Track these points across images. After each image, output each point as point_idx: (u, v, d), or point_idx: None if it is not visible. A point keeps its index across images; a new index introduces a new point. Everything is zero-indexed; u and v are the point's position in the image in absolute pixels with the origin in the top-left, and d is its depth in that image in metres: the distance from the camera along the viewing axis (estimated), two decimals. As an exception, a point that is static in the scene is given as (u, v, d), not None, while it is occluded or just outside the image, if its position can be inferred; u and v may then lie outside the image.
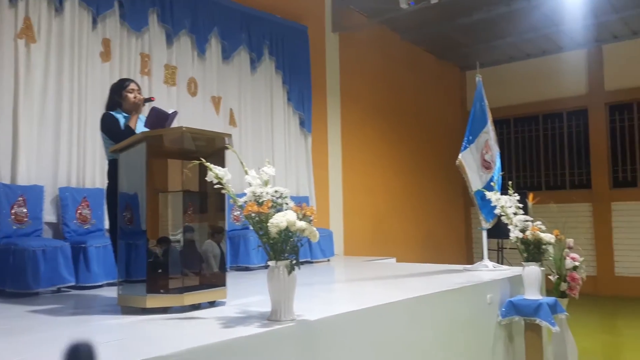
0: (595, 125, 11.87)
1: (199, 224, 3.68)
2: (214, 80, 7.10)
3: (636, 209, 11.28)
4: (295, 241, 2.93)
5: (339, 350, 3.13)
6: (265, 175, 3.07)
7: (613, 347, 7.51)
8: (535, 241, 4.80)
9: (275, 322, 2.89)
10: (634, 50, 11.31)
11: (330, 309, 3.31)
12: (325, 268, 6.95)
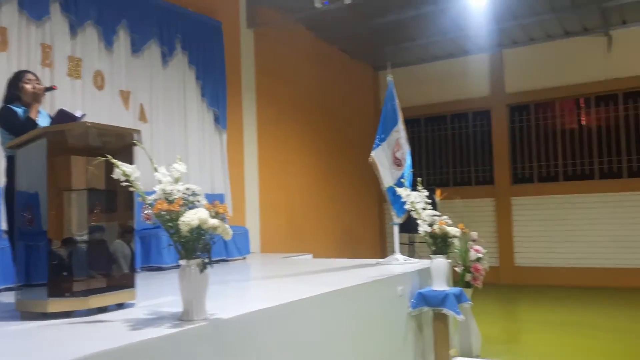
0: (498, 125, 12.64)
1: (106, 224, 3.52)
2: (123, 74, 6.82)
3: (533, 204, 12.13)
4: (207, 239, 2.89)
5: (254, 347, 3.12)
6: (176, 172, 2.99)
7: (513, 332, 8.04)
8: (442, 235, 5.03)
9: (187, 322, 2.83)
10: (531, 55, 12.14)
11: (245, 307, 3.29)
12: (241, 266, 6.90)
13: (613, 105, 11.61)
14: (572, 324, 8.02)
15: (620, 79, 11.30)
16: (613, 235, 11.24)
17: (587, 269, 11.39)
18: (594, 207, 11.49)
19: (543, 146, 12.29)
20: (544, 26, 11.23)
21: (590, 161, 11.79)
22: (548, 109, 12.29)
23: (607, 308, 9.19)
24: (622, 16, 10.81)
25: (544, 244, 11.91)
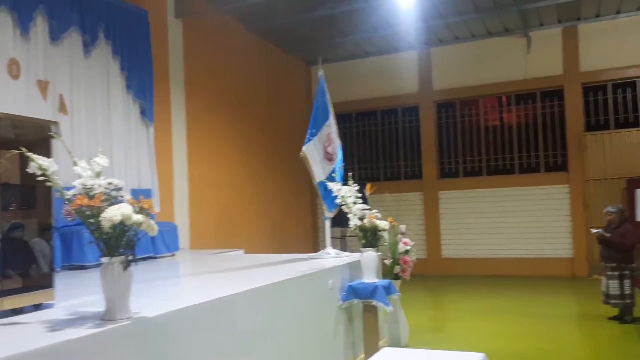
0: (425, 121, 13.01)
1: (23, 221, 3.32)
2: (40, 63, 6.43)
3: (459, 197, 12.60)
4: (131, 236, 2.78)
5: (182, 345, 3.05)
6: (98, 167, 2.86)
7: (440, 320, 8.34)
8: (372, 228, 5.12)
9: (109, 322, 2.72)
10: (457, 54, 12.57)
11: (172, 304, 3.20)
12: (170, 263, 6.72)
13: (532, 104, 12.24)
14: (495, 311, 8.41)
15: (538, 78, 11.92)
16: (532, 226, 11.87)
17: (508, 258, 11.98)
18: (515, 200, 12.08)
19: (468, 142, 12.78)
20: (468, 26, 11.65)
21: (510, 156, 12.38)
22: (472, 106, 12.78)
23: (527, 295, 9.71)
24: (540, 18, 11.40)
25: (469, 235, 12.41)
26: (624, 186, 10.96)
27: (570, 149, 11.64)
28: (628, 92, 11.39)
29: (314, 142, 6.12)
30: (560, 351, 6.12)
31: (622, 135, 11.29)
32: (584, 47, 11.55)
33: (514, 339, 6.71)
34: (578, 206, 11.48)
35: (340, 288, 5.10)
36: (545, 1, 10.28)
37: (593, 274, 11.05)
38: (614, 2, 10.64)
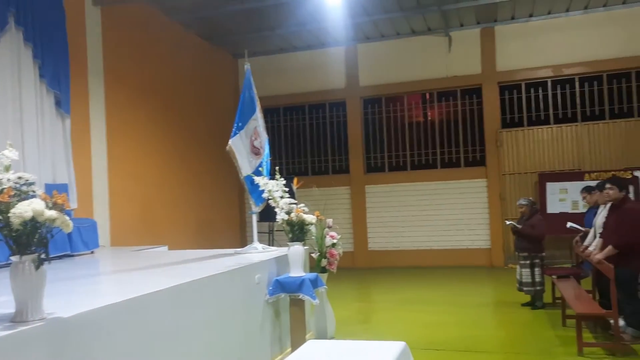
0: (352, 117, 13.20)
1: None
2: (-58, 48, 5.94)
3: (385, 192, 12.90)
4: (43, 233, 2.63)
5: (101, 346, 2.92)
6: (6, 160, 2.68)
7: (366, 312, 8.51)
8: (299, 222, 5.14)
9: (21, 324, 2.56)
10: (383, 51, 12.84)
11: (89, 304, 3.06)
12: (88, 261, 6.43)
13: (453, 101, 12.73)
14: (418, 301, 8.70)
15: (458, 76, 12.41)
16: (453, 219, 12.37)
17: (431, 250, 12.43)
18: (437, 193, 12.54)
19: (393, 137, 13.11)
20: (394, 24, 11.93)
21: (433, 152, 12.83)
22: (398, 103, 13.11)
23: (448, 285, 10.11)
24: (460, 19, 11.86)
25: (395, 228, 12.75)
26: (536, 180, 11.65)
27: (488, 145, 12.21)
28: (540, 91, 12.09)
29: (240, 135, 6.04)
30: (478, 337, 6.42)
31: (534, 132, 11.98)
32: (500, 47, 12.14)
33: (436, 327, 6.97)
34: (495, 199, 12.08)
35: (267, 282, 5.08)
36: (464, 3, 10.71)
37: (508, 263, 11.68)
38: (527, 6, 11.25)
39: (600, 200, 6.67)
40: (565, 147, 11.75)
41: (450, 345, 6.08)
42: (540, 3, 11.08)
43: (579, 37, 11.61)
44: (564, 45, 11.70)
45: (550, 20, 11.76)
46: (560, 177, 11.40)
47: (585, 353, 5.48)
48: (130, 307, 3.22)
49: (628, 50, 11.33)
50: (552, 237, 10.33)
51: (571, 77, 11.87)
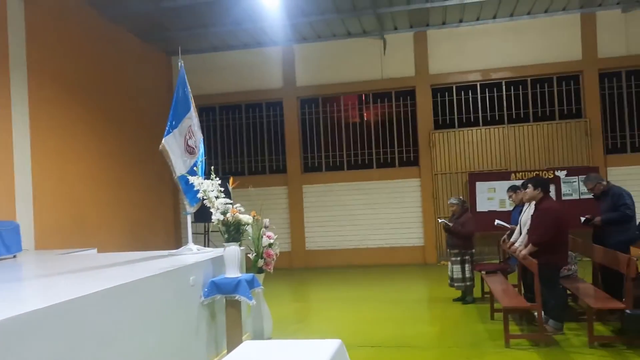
0: (289, 117, 13.20)
1: None
2: None
3: (322, 191, 12.99)
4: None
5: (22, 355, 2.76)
6: None
7: (303, 311, 8.53)
8: (235, 222, 5.07)
9: None
10: (319, 52, 12.92)
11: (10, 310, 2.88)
12: (10, 265, 6.07)
13: (388, 102, 12.99)
14: (355, 299, 8.81)
15: (393, 78, 12.67)
16: (388, 218, 12.62)
17: (367, 249, 12.62)
18: (373, 193, 12.75)
19: (330, 137, 13.21)
20: (330, 25, 12.03)
21: (369, 152, 13.03)
22: (335, 103, 13.23)
23: (384, 282, 10.32)
24: (394, 22, 12.12)
25: (332, 228, 12.86)
26: (466, 179, 12.09)
27: (421, 145, 12.55)
28: (470, 94, 12.55)
29: (174, 134, 5.89)
30: (412, 333, 6.58)
31: (465, 133, 12.42)
32: (433, 51, 12.51)
33: (372, 324, 7.09)
34: (428, 198, 12.43)
35: (203, 284, 4.98)
36: (398, 7, 10.97)
37: (441, 260, 12.05)
38: (457, 12, 11.65)
39: (524, 198, 6.99)
40: (494, 148, 12.26)
41: (385, 342, 6.19)
42: (469, 9, 11.50)
43: (505, 43, 12.15)
44: (491, 51, 12.21)
45: (479, 26, 12.24)
46: (489, 176, 11.88)
47: (511, 344, 5.73)
48: (54, 313, 3.06)
49: (550, 56, 11.96)
50: (482, 234, 10.76)
51: (498, 81, 12.40)
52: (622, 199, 6.74)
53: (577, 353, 5.46)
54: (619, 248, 6.21)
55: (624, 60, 11.72)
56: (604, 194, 6.95)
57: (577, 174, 11.14)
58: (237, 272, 5.06)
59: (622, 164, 11.62)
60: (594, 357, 5.32)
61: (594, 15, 11.77)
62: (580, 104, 12.03)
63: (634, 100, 11.87)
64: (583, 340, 5.72)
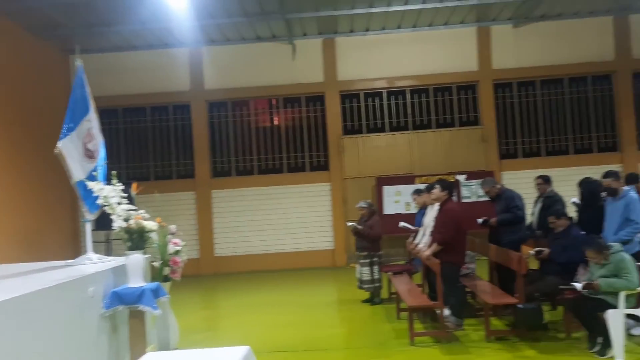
0: (198, 120, 12.92)
1: None
2: None
3: (232, 196, 12.82)
4: None
5: None
6: None
7: (211, 319, 8.36)
8: (138, 230, 4.87)
9: None
10: (229, 55, 12.76)
11: None
12: None
13: (297, 107, 13.08)
14: (265, 305, 8.76)
15: (302, 84, 12.79)
16: (299, 222, 12.69)
17: (278, 253, 12.61)
18: (283, 197, 12.77)
19: (240, 141, 13.08)
20: (239, 28, 11.93)
21: (280, 156, 13.05)
22: (244, 107, 13.12)
23: (294, 287, 10.35)
24: (303, 28, 12.25)
25: (242, 233, 12.72)
26: (374, 184, 12.43)
27: (331, 150, 12.76)
28: (377, 101, 12.94)
29: (71, 137, 5.54)
30: (322, 336, 6.65)
31: (372, 139, 12.79)
32: (341, 58, 12.78)
33: (282, 329, 7.08)
34: (338, 202, 12.65)
35: (103, 295, 4.73)
36: (306, 13, 11.10)
37: (350, 263, 12.29)
38: (364, 21, 12.00)
39: (427, 201, 7.30)
40: (399, 153, 12.71)
41: (295, 346, 6.21)
42: (375, 19, 11.87)
43: (408, 53, 12.66)
44: (396, 59, 12.67)
45: (384, 35, 12.66)
46: (395, 180, 12.30)
47: (416, 342, 5.95)
48: None
49: (449, 66, 12.62)
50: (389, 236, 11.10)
51: (403, 89, 12.89)
52: (513, 201, 7.24)
53: (475, 347, 5.78)
54: (511, 247, 6.66)
55: (515, 72, 12.61)
56: (498, 197, 7.43)
57: (475, 178, 11.80)
58: (141, 282, 4.85)
59: (514, 169, 12.47)
60: (490, 350, 5.65)
61: (488, 29, 12.58)
62: (477, 112, 12.78)
63: (525, 110, 12.80)
64: (481, 335, 6.06)
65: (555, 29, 12.45)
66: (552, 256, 6.23)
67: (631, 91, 12.51)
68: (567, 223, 6.36)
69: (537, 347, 5.61)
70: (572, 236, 6.15)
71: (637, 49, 12.43)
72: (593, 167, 10.99)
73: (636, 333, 5.70)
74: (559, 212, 6.50)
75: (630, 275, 5.12)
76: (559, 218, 6.37)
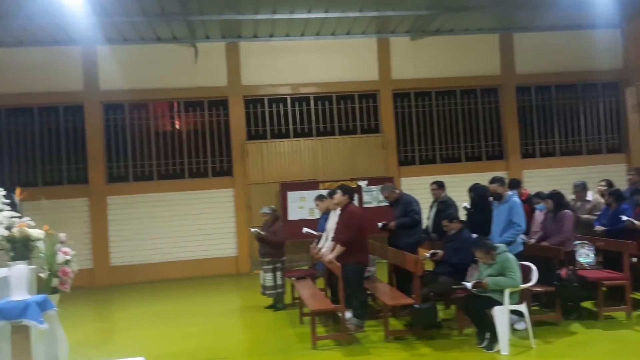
0: (92, 123, 12.22)
1: None
2: None
3: (129, 202, 12.25)
4: None
5: None
6: None
7: (105, 332, 7.91)
8: (22, 238, 4.53)
9: None
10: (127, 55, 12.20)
11: None
12: None
13: (200, 111, 12.78)
14: (163, 315, 8.44)
15: (205, 87, 12.54)
16: (201, 229, 12.38)
17: (179, 261, 12.22)
18: (185, 204, 12.41)
19: (138, 146, 12.54)
20: (137, 28, 11.48)
21: (181, 161, 12.67)
22: (143, 110, 12.61)
23: (196, 295, 10.08)
24: (206, 31, 12.03)
25: (141, 241, 12.19)
26: (278, 189, 12.44)
27: (235, 156, 12.60)
28: (281, 107, 12.98)
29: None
30: (223, 344, 6.53)
31: (276, 144, 12.80)
32: (245, 63, 12.69)
33: (181, 338, 6.86)
34: (241, 208, 12.51)
35: (-19, 311, 4.32)
36: (209, 15, 10.92)
37: (254, 269, 12.19)
38: (268, 27, 12.02)
39: (330, 206, 7.42)
40: (303, 159, 12.82)
41: (194, 356, 6.05)
42: (279, 25, 11.93)
43: (312, 60, 12.84)
44: (301, 66, 12.80)
45: (288, 42, 12.75)
46: (299, 186, 12.39)
47: (318, 346, 6.01)
48: None
49: (351, 75, 12.95)
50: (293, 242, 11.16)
51: (307, 96, 13.04)
52: (411, 205, 7.56)
53: (375, 348, 5.94)
54: (408, 249, 6.94)
55: (413, 82, 13.20)
56: (397, 202, 7.73)
57: (376, 183, 12.15)
58: (25, 294, 4.49)
59: (412, 175, 13.01)
60: (388, 350, 5.84)
61: (388, 41, 13.07)
62: (377, 120, 13.22)
63: (422, 119, 13.42)
64: (380, 336, 6.24)
65: (449, 44, 13.21)
66: (445, 257, 6.58)
67: (515, 104, 13.54)
68: (459, 226, 6.74)
69: (432, 344, 5.88)
70: (463, 238, 6.53)
71: (520, 65, 13.48)
72: (482, 173, 11.68)
73: (519, 328, 6.15)
74: (452, 216, 6.88)
75: (514, 274, 5.53)
76: (452, 221, 6.74)
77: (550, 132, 13.76)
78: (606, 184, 8.22)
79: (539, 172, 13.29)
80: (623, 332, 6.07)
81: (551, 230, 6.93)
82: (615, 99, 13.97)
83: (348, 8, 11.25)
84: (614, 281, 6.57)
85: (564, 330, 6.16)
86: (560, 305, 6.37)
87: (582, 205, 7.98)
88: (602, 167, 13.41)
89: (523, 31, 13.31)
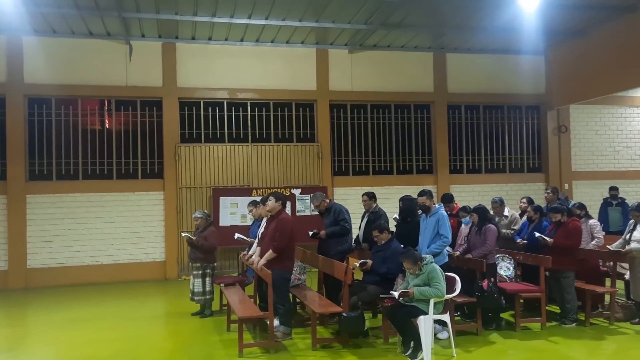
0: (13, 116, 11.55)
1: None
2: None
3: (51, 202, 11.65)
4: None
5: None
6: None
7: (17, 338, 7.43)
8: None
9: None
10: (55, 48, 11.67)
11: None
12: None
13: (132, 111, 12.38)
14: (84, 320, 8.07)
15: (139, 87, 12.17)
16: (128, 232, 11.96)
17: (104, 265, 11.75)
18: (112, 205, 11.95)
19: (64, 143, 11.97)
20: (67, 21, 10.99)
21: (109, 161, 12.19)
22: (71, 106, 12.06)
23: (120, 300, 9.68)
24: (142, 29, 11.69)
25: (62, 243, 11.61)
26: (211, 194, 12.24)
27: (167, 158, 12.28)
28: (217, 111, 12.81)
29: None
30: (144, 350, 6.32)
31: (211, 148, 12.59)
32: (181, 64, 12.43)
33: (100, 344, 6.58)
34: (171, 212, 12.19)
35: None
36: (145, 14, 10.64)
37: (182, 275, 11.90)
38: (207, 30, 11.85)
39: (263, 213, 7.39)
40: (237, 164, 12.69)
41: (115, 363, 5.81)
42: (218, 29, 11.79)
43: (251, 66, 12.77)
44: (238, 71, 12.69)
45: (227, 46, 12.63)
46: (232, 192, 12.25)
47: (245, 353, 5.94)
48: None
49: (289, 84, 12.99)
50: (224, 248, 10.98)
51: (244, 101, 12.94)
52: (341, 214, 7.67)
53: (302, 355, 5.95)
54: (338, 258, 7.02)
55: (349, 94, 13.41)
56: (327, 211, 7.80)
57: (309, 192, 12.17)
58: None
59: (345, 185, 13.20)
60: (315, 358, 5.86)
61: (327, 52, 13.22)
62: (314, 129, 13.31)
63: (357, 131, 13.65)
64: (307, 343, 6.26)
65: (385, 59, 13.54)
66: (373, 267, 6.70)
67: (446, 121, 14.05)
68: (389, 237, 6.89)
69: (359, 352, 5.96)
70: (392, 249, 6.68)
71: (452, 83, 14.01)
72: (412, 186, 12.06)
73: (442, 337, 6.34)
74: (382, 226, 7.02)
75: (440, 284, 5.70)
76: (382, 232, 6.87)
77: (477, 150, 14.37)
78: (527, 201, 8.66)
79: (465, 187, 13.85)
80: (537, 342, 6.38)
81: (475, 243, 7.21)
82: (537, 121, 14.80)
83: (288, 17, 11.29)
84: (531, 293, 6.92)
85: (483, 340, 6.42)
86: (480, 315, 6.64)
87: (500, 220, 8.39)
88: (523, 185, 14.22)
89: (455, 52, 13.87)
